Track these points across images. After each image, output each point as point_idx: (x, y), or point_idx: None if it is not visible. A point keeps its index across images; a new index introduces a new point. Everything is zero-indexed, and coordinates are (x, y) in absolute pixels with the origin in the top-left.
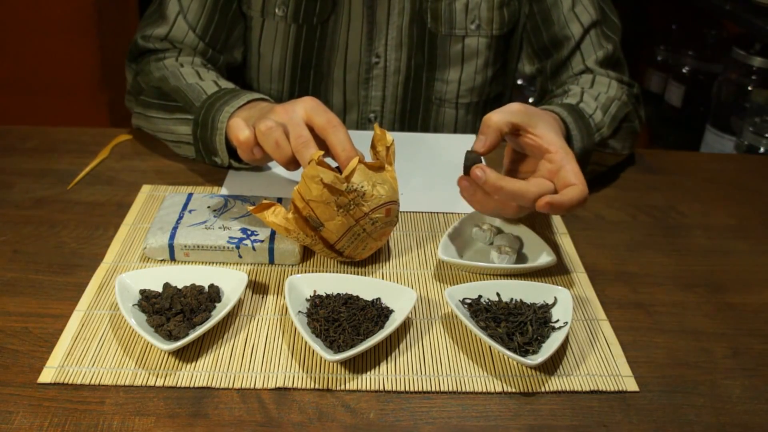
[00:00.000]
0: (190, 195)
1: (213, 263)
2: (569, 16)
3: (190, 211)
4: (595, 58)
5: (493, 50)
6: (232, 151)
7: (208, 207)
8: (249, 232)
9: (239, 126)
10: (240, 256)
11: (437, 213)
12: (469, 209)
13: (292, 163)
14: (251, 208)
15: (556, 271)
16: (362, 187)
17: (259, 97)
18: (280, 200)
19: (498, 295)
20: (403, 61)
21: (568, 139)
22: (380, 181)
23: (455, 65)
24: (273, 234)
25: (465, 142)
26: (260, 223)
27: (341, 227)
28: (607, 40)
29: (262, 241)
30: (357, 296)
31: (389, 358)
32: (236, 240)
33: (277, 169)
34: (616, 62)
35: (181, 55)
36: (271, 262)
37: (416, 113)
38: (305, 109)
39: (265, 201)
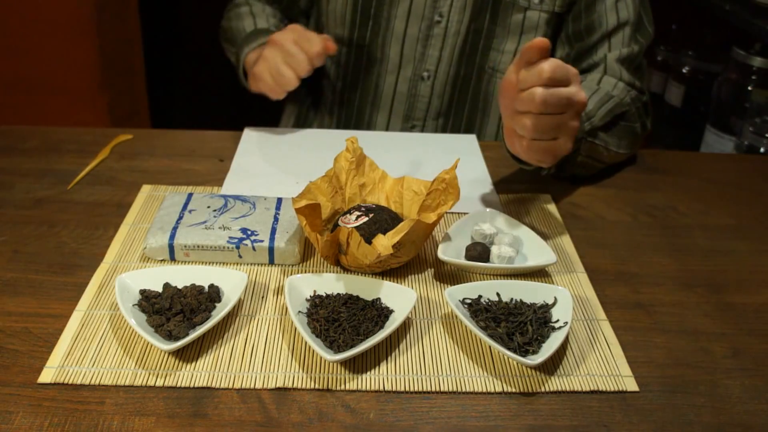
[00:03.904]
0: (190, 195)
1: (213, 263)
2: (611, 7)
3: (190, 211)
4: (618, 54)
5: (551, 27)
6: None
7: (208, 207)
8: (249, 232)
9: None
10: (240, 256)
11: None
12: (469, 209)
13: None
14: (294, 198)
15: (556, 271)
16: (398, 247)
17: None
18: (280, 200)
19: (498, 295)
20: (465, 24)
21: None
22: (414, 239)
23: (513, 36)
24: (273, 234)
25: (466, 141)
26: (260, 223)
27: (356, 263)
28: (636, 42)
29: (262, 241)
30: (357, 296)
31: (389, 358)
32: (236, 240)
33: (277, 169)
34: (638, 66)
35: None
36: (271, 262)
37: (469, 79)
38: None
39: (308, 202)
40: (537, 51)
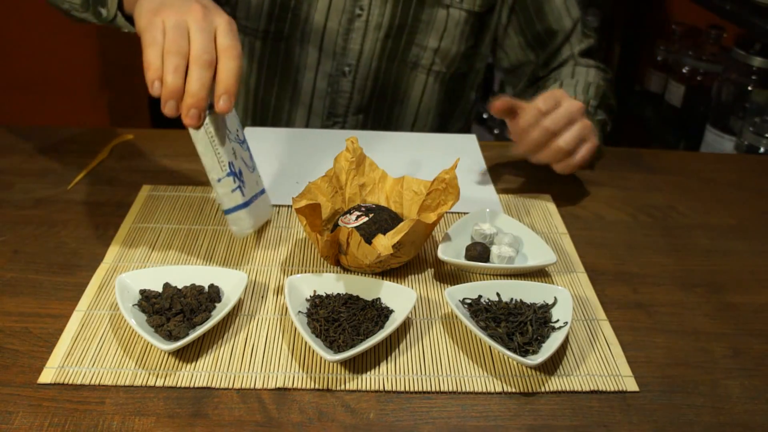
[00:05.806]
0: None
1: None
2: (563, 10)
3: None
4: (579, 48)
5: (470, 25)
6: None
7: (237, 130)
8: (242, 180)
9: (150, 31)
10: (218, 180)
11: None
12: (469, 209)
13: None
14: (295, 198)
15: (556, 271)
16: (398, 247)
17: None
18: (263, 190)
19: (498, 295)
20: (387, 17)
21: None
22: (414, 239)
23: (436, 33)
24: (249, 201)
25: (466, 141)
26: (248, 187)
27: (356, 263)
28: (587, 36)
29: (243, 195)
30: (357, 296)
31: (389, 358)
32: (232, 172)
33: (277, 169)
34: (594, 53)
35: None
36: (226, 213)
37: (390, 74)
38: (221, 24)
39: (309, 202)
40: (505, 112)
